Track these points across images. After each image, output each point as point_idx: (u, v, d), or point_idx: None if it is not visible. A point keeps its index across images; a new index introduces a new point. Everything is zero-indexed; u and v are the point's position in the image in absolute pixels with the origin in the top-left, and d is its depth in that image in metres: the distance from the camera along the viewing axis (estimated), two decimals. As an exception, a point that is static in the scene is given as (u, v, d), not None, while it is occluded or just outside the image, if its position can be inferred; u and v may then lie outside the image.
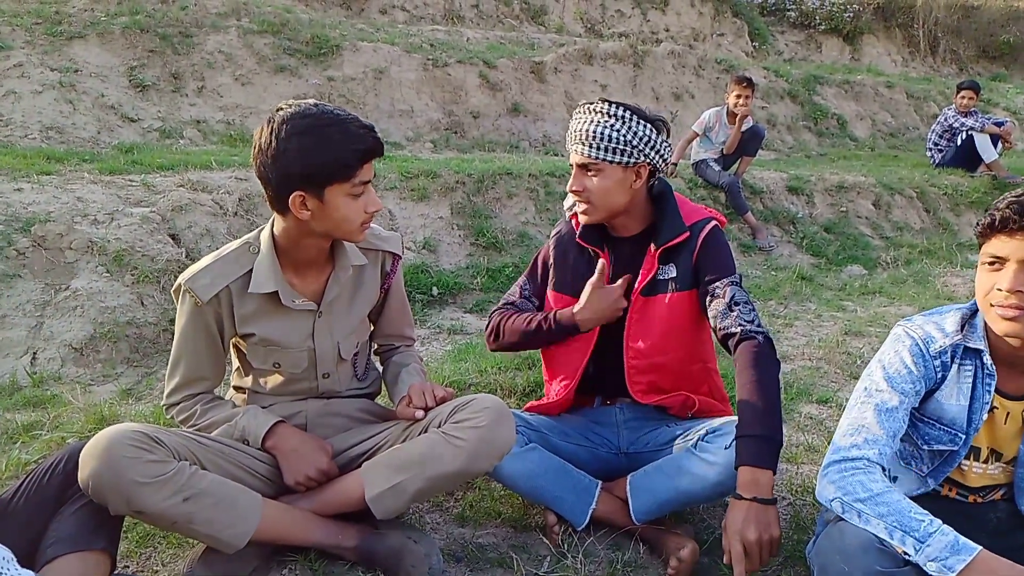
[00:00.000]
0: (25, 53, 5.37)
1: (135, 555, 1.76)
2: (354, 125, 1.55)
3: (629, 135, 1.78)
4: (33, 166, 4.07)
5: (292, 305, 1.70)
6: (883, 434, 1.48)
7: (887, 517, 1.34)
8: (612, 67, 7.97)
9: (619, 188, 1.82)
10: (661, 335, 1.85)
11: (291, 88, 6.21)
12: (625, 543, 1.87)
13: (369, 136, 1.57)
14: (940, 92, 10.37)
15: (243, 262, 1.68)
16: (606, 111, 1.79)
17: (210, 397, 1.76)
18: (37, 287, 3.21)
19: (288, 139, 1.50)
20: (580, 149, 1.81)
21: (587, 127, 1.79)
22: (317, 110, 1.54)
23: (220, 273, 1.66)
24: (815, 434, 2.62)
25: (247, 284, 1.66)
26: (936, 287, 4.82)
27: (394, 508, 1.66)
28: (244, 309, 1.69)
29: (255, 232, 1.75)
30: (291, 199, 1.56)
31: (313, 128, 1.51)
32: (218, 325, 1.69)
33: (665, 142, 1.84)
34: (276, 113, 1.55)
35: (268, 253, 1.67)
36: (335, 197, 1.56)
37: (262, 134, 1.54)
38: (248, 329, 1.70)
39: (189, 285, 1.64)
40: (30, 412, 2.58)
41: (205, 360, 1.72)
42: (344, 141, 1.53)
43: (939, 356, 1.54)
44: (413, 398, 1.74)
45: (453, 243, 4.62)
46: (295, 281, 1.72)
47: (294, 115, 1.52)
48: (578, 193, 1.84)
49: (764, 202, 6.06)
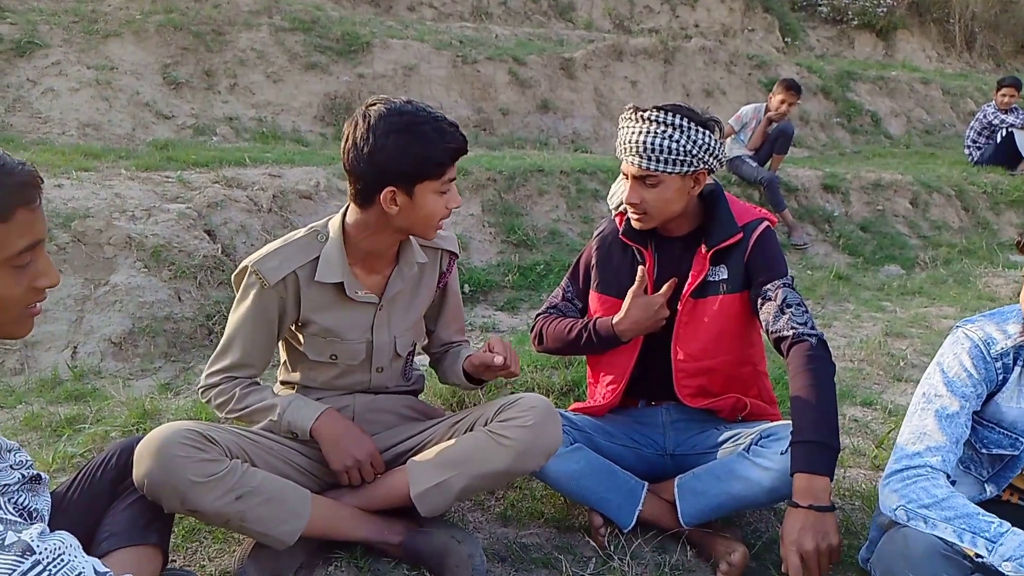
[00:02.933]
0: (63, 51, 5.45)
1: (181, 549, 1.76)
2: (445, 123, 1.56)
3: (688, 144, 1.72)
4: (72, 163, 4.13)
5: (355, 297, 1.69)
6: (945, 440, 1.44)
7: (954, 520, 1.31)
8: (642, 63, 7.91)
9: (678, 197, 1.77)
10: (711, 338, 1.82)
11: (322, 85, 6.24)
12: (672, 546, 1.84)
13: (458, 134, 1.57)
14: (977, 88, 10.15)
15: (310, 250, 1.67)
16: (661, 120, 1.72)
17: (249, 382, 1.74)
18: (77, 282, 3.25)
19: (386, 136, 1.51)
20: (636, 161, 1.74)
21: (642, 138, 1.72)
22: (412, 108, 1.54)
23: (288, 258, 1.65)
24: (860, 437, 2.56)
25: (313, 272, 1.66)
26: (978, 287, 4.72)
27: (439, 505, 1.65)
28: (309, 297, 1.68)
29: (322, 221, 1.74)
30: (383, 194, 1.56)
31: (410, 126, 1.52)
32: (280, 311, 1.68)
33: (719, 142, 1.79)
34: (369, 109, 1.55)
35: (336, 243, 1.67)
36: (424, 193, 1.57)
37: (357, 129, 1.54)
38: (310, 317, 1.70)
39: (257, 267, 1.63)
40: (72, 405, 2.61)
41: (257, 347, 1.70)
42: (439, 139, 1.53)
43: (1000, 358, 1.49)
44: (495, 345, 1.73)
45: (484, 240, 4.61)
46: (359, 273, 1.71)
47: (391, 111, 1.52)
48: (635, 205, 1.79)
49: (799, 200, 5.97)
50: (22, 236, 1.04)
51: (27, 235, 1.05)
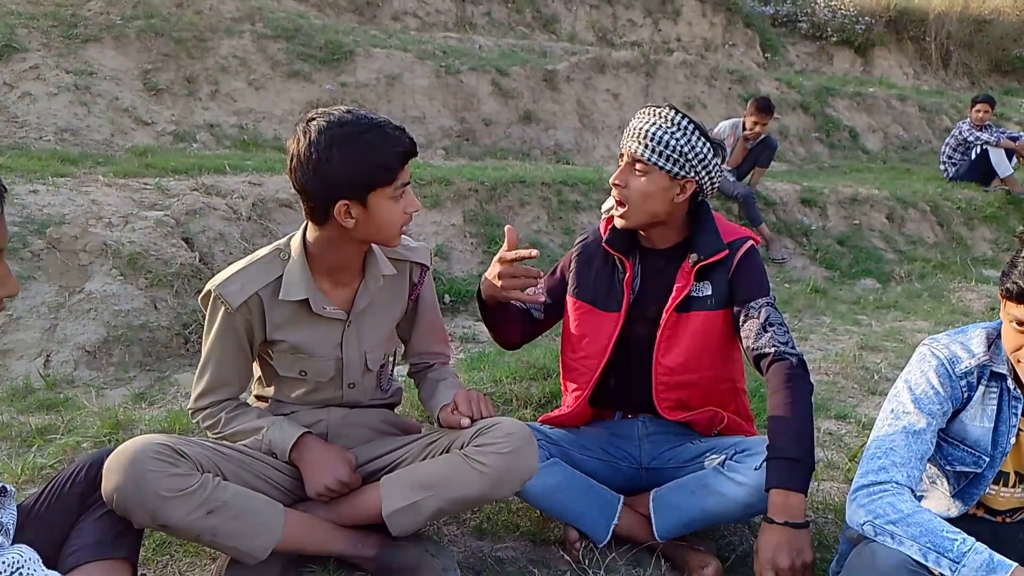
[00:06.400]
0: (41, 55, 5.40)
1: (152, 563, 1.74)
2: (389, 128, 1.54)
3: (686, 147, 1.75)
4: (48, 168, 4.08)
5: (322, 312, 1.68)
6: (911, 457, 1.46)
7: (920, 538, 1.33)
8: (624, 76, 7.97)
9: (661, 196, 1.78)
10: (692, 353, 1.83)
11: (304, 93, 6.22)
12: (646, 559, 1.85)
13: (404, 137, 1.56)
14: (952, 105, 10.33)
15: (273, 268, 1.66)
16: (671, 118, 1.76)
17: (235, 404, 1.74)
18: (51, 289, 3.21)
19: (329, 149, 1.48)
20: (634, 146, 1.77)
21: (647, 127, 1.76)
22: (352, 116, 1.52)
23: (250, 279, 1.64)
24: (834, 450, 2.59)
25: (277, 291, 1.65)
26: (951, 302, 4.80)
27: (410, 526, 1.63)
28: (274, 316, 1.67)
29: (284, 239, 1.73)
30: (336, 208, 1.54)
31: (352, 136, 1.49)
32: (248, 332, 1.67)
33: (718, 166, 1.81)
34: (309, 123, 1.52)
35: (299, 260, 1.65)
36: (379, 202, 1.54)
37: (299, 145, 1.51)
38: (277, 336, 1.68)
39: (219, 291, 1.62)
40: (44, 415, 2.57)
41: (232, 366, 1.70)
42: (384, 145, 1.51)
43: (965, 376, 1.52)
44: (460, 405, 1.69)
45: (465, 251, 4.61)
46: (326, 288, 1.70)
47: (330, 124, 1.50)
48: (619, 187, 1.80)
49: (777, 214, 6.04)
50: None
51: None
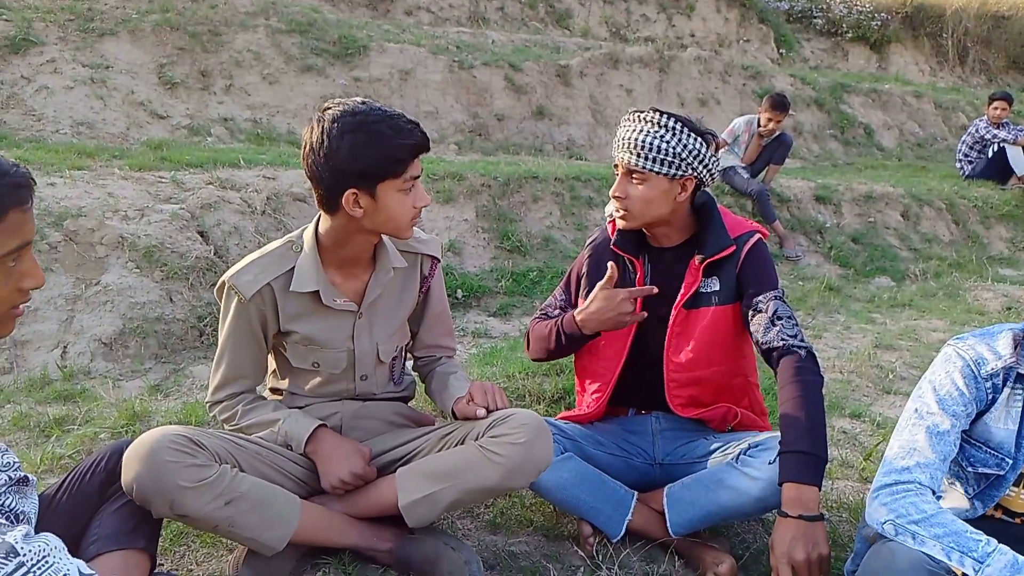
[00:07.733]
0: (58, 49, 5.43)
1: (169, 553, 1.75)
2: (402, 120, 1.55)
3: (679, 147, 1.74)
4: (65, 161, 4.11)
5: (333, 304, 1.69)
6: (935, 457, 1.45)
7: (943, 538, 1.32)
8: (638, 72, 7.94)
9: (662, 199, 1.78)
10: (703, 349, 1.82)
11: (318, 88, 6.24)
12: (660, 555, 1.85)
13: (417, 131, 1.57)
14: (969, 103, 10.24)
15: (285, 260, 1.68)
16: (656, 121, 1.75)
17: (252, 397, 1.75)
18: (68, 281, 3.23)
19: (340, 137, 1.50)
20: (627, 157, 1.77)
21: (635, 136, 1.76)
22: (366, 107, 1.53)
23: (262, 270, 1.66)
24: (848, 449, 2.58)
25: (289, 282, 1.66)
26: (967, 301, 4.75)
27: (426, 517, 1.64)
28: (287, 307, 1.68)
29: (297, 231, 1.74)
30: (344, 197, 1.55)
31: (364, 125, 1.51)
32: (261, 322, 1.69)
33: (713, 156, 1.81)
34: (324, 112, 1.54)
35: (311, 252, 1.67)
36: (387, 193, 1.56)
37: (312, 133, 1.54)
38: (290, 327, 1.70)
39: (233, 281, 1.64)
40: (61, 406, 2.59)
41: (248, 358, 1.72)
42: (395, 137, 1.53)
43: (990, 378, 1.50)
44: (475, 396, 1.70)
45: (478, 246, 4.61)
46: (337, 281, 1.71)
47: (344, 113, 1.52)
48: (620, 199, 1.81)
49: (791, 211, 6.00)
50: (13, 237, 1.05)
51: (18, 236, 1.06)
